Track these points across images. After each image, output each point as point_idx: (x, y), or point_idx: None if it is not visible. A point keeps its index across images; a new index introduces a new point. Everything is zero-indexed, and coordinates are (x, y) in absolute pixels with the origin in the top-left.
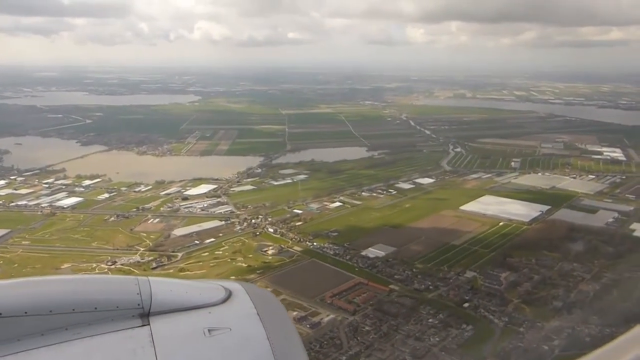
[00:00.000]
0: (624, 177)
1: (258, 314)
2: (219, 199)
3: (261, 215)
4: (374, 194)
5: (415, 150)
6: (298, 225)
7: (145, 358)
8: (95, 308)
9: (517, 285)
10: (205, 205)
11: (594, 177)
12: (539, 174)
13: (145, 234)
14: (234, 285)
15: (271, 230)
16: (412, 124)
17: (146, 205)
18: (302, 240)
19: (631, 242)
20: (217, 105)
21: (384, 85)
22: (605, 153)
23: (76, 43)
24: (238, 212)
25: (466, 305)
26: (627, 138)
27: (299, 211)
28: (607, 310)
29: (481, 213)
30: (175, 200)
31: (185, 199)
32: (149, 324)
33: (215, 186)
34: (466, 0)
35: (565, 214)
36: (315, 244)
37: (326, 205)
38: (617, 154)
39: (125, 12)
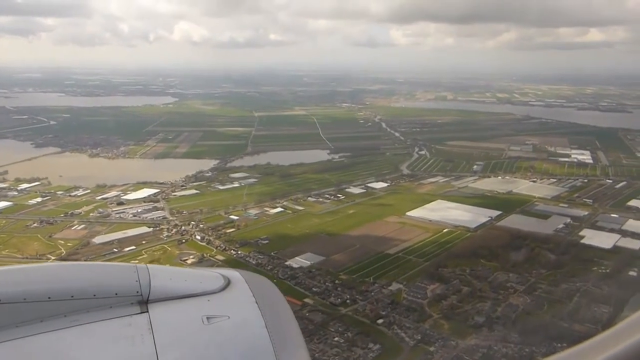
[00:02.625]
0: (586, 180)
1: (256, 302)
2: (155, 204)
3: (194, 221)
4: (321, 199)
5: (378, 153)
6: (229, 232)
7: (144, 345)
8: (94, 295)
9: (443, 298)
10: (139, 210)
11: (555, 180)
12: (499, 177)
13: (63, 242)
14: (232, 274)
15: (198, 237)
16: (384, 126)
17: (76, 211)
18: (227, 248)
19: (577, 250)
20: (190, 108)
21: (366, 87)
22: (573, 156)
23: (55, 44)
24: (171, 218)
25: (380, 321)
26: (599, 140)
27: (236, 217)
28: (532, 326)
29: (427, 219)
30: (109, 205)
31: (121, 203)
32: (147, 312)
33: (157, 190)
34: (439, 1)
35: (514, 220)
36: (240, 252)
37: (266, 211)
38: (585, 156)
39: (91, 11)
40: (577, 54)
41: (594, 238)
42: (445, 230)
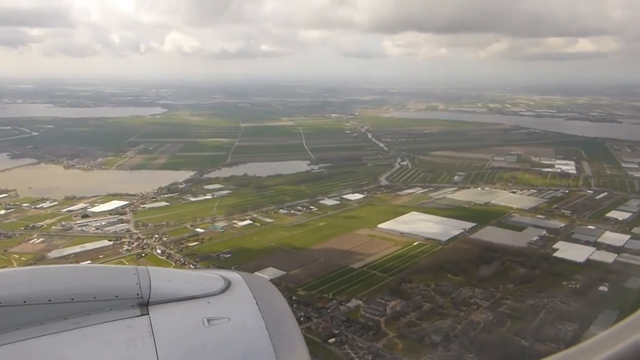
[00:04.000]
0: (567, 191)
1: (257, 303)
2: (122, 217)
3: (157, 234)
4: (292, 211)
5: (359, 164)
6: (192, 245)
7: (144, 347)
8: (95, 297)
9: (402, 315)
10: (103, 223)
11: (535, 191)
12: (479, 188)
13: (18, 256)
14: (233, 275)
15: (159, 251)
16: (369, 136)
17: (38, 224)
18: (186, 262)
19: (548, 263)
20: (177, 118)
21: (358, 98)
22: (557, 166)
23: (45, 55)
24: (135, 231)
25: (332, 340)
26: (585, 150)
27: (202, 230)
28: (489, 345)
29: (398, 232)
30: (74, 218)
31: (85, 216)
32: (148, 314)
33: (126, 202)
34: (425, 11)
35: (488, 232)
36: (199, 267)
37: (234, 223)
38: (569, 167)
39: (75, 22)
40: (571, 64)
41: (567, 251)
42: (415, 243)
